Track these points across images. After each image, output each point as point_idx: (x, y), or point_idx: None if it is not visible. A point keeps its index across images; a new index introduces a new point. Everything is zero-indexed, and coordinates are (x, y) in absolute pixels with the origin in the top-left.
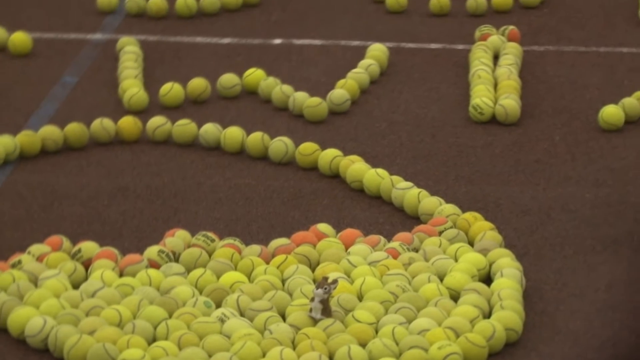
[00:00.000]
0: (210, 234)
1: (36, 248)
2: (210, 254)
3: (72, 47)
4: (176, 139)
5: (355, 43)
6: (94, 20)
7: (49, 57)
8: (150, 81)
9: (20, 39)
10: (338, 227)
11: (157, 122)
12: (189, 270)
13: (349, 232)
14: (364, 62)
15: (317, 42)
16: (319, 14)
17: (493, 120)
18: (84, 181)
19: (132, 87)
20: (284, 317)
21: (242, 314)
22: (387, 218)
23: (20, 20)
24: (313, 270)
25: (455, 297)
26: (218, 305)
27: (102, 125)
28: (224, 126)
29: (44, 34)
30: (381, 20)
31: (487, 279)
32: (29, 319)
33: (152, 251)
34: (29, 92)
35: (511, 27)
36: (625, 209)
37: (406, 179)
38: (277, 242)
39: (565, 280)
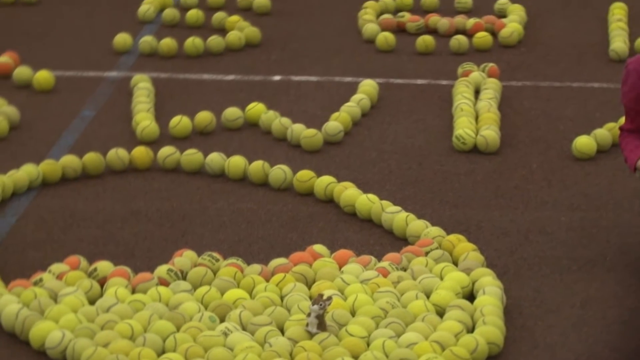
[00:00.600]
0: (215, 254)
1: (56, 267)
2: (215, 273)
3: (91, 83)
4: (184, 167)
5: (348, 79)
6: (111, 60)
7: (69, 93)
8: (161, 114)
9: (43, 76)
10: (332, 248)
11: (167, 152)
12: (195, 287)
13: (342, 252)
14: (356, 97)
15: (313, 78)
16: (315, 53)
17: (475, 150)
18: (100, 206)
19: (144, 120)
20: (282, 331)
21: (244, 328)
22: (377, 239)
23: (44, 60)
24: (309, 287)
25: (440, 313)
26: (222, 320)
27: (117, 154)
28: (228, 155)
29: (65, 72)
30: (372, 59)
31: (471, 296)
32: (49, 332)
33: (161, 270)
34: (51, 124)
35: (491, 64)
36: (598, 231)
37: (395, 204)
38: (276, 261)
39: (543, 297)
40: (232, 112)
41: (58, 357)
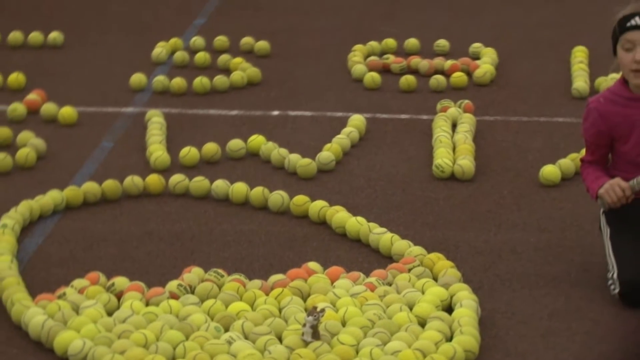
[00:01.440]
0: (220, 271)
1: (78, 282)
2: (220, 287)
3: (109, 118)
4: (193, 193)
5: (339, 114)
6: (127, 97)
7: (90, 126)
8: (172, 145)
9: (67, 112)
10: (325, 265)
11: (177, 179)
12: (202, 300)
13: (334, 269)
14: (346, 130)
15: (308, 113)
16: (309, 90)
17: (452, 177)
18: (117, 227)
19: (157, 151)
20: (280, 340)
21: (246, 337)
22: (365, 258)
23: (68, 97)
24: (305, 300)
25: (422, 323)
26: (226, 330)
27: (133, 181)
28: (232, 182)
29: (86, 108)
30: (360, 96)
31: (449, 309)
32: (71, 341)
33: (172, 285)
34: (74, 154)
35: (466, 101)
36: (563, 251)
37: (381, 226)
38: (275, 277)
39: (514, 310)
40: (235, 144)
41: None
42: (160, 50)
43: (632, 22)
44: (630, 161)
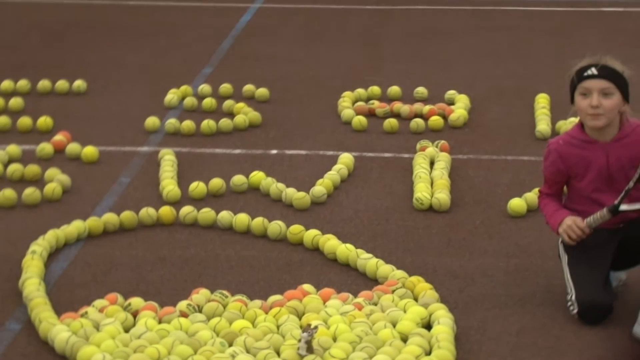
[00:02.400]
0: (225, 292)
1: (98, 302)
2: (224, 307)
3: (127, 156)
4: (200, 223)
5: (330, 153)
6: (142, 138)
7: (110, 164)
8: (182, 181)
9: (90, 151)
10: (318, 287)
11: (187, 210)
12: (209, 318)
13: (326, 290)
14: (336, 167)
15: (302, 152)
16: (304, 132)
17: (430, 209)
18: (133, 253)
19: (169, 185)
20: (278, 354)
21: (248, 351)
22: (353, 280)
23: (90, 138)
24: (300, 318)
25: (404, 339)
26: (230, 344)
27: (147, 212)
28: (235, 213)
29: (106, 147)
30: (348, 137)
31: (428, 326)
32: (92, 355)
33: (182, 305)
34: (95, 189)
35: (442, 141)
36: (529, 274)
37: (367, 252)
38: (273, 297)
39: (486, 327)
40: (238, 179)
41: None
42: (171, 96)
43: (589, 72)
44: (585, 196)
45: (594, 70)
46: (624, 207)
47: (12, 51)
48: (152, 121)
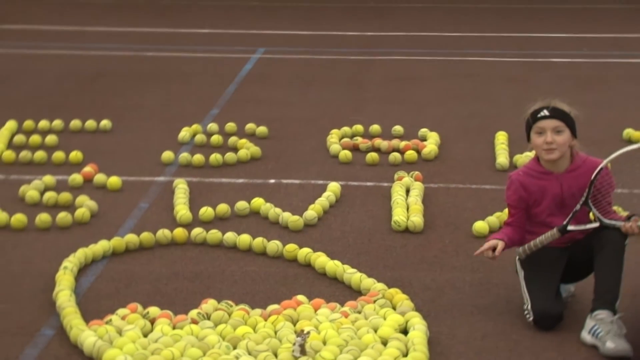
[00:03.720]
0: (230, 302)
1: (121, 311)
2: (229, 315)
3: (145, 185)
4: (209, 242)
5: (320, 182)
6: (159, 169)
7: (131, 191)
8: (193, 206)
9: (114, 180)
10: (310, 297)
11: (197, 232)
12: (216, 325)
13: (316, 300)
14: (326, 194)
15: (296, 181)
16: (297, 164)
17: (406, 230)
18: (151, 269)
19: (182, 210)
20: (276, 355)
21: (249, 353)
22: (340, 292)
23: (114, 169)
24: (294, 325)
25: (384, 342)
26: (234, 347)
27: (163, 233)
28: (239, 234)
29: (128, 177)
30: (336, 168)
31: (405, 331)
32: (115, 357)
33: (193, 313)
34: (119, 213)
35: (416, 172)
36: (491, 287)
37: (352, 267)
38: (272, 307)
39: (455, 332)
40: (241, 204)
41: None
42: (184, 133)
43: (542, 113)
44: (539, 221)
45: (546, 112)
46: (571, 227)
47: (49, 95)
48: (167, 155)
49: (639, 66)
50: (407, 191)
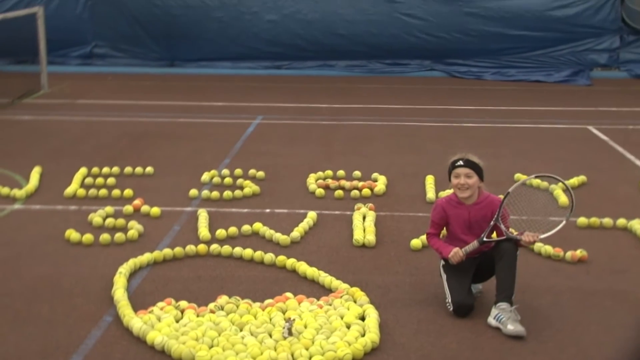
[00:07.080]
0: (238, 297)
1: (160, 304)
2: (237, 307)
3: (177, 213)
4: (223, 254)
5: (302, 211)
6: (187, 201)
7: (167, 218)
8: (212, 228)
9: (155, 210)
10: (295, 294)
11: (214, 247)
12: (228, 314)
13: (300, 296)
14: (306, 220)
15: (285, 210)
16: (286, 199)
17: (363, 246)
18: (181, 274)
19: (203, 231)
20: (270, 335)
21: (252, 334)
22: (317, 290)
23: (156, 202)
24: (284, 314)
25: (348, 326)
26: (241, 330)
27: (190, 248)
28: (244, 248)
29: (165, 208)
30: (313, 202)
31: (362, 318)
32: (155, 337)
33: (211, 305)
34: (157, 233)
35: (370, 204)
36: (425, 285)
37: (325, 272)
38: (268, 301)
39: (398, 319)
40: (246, 227)
41: (161, 349)
42: (205, 176)
43: (458, 163)
44: (455, 237)
45: (461, 162)
46: (485, 239)
47: (110, 149)
48: (193, 192)
49: (523, 130)
50: (364, 217)
